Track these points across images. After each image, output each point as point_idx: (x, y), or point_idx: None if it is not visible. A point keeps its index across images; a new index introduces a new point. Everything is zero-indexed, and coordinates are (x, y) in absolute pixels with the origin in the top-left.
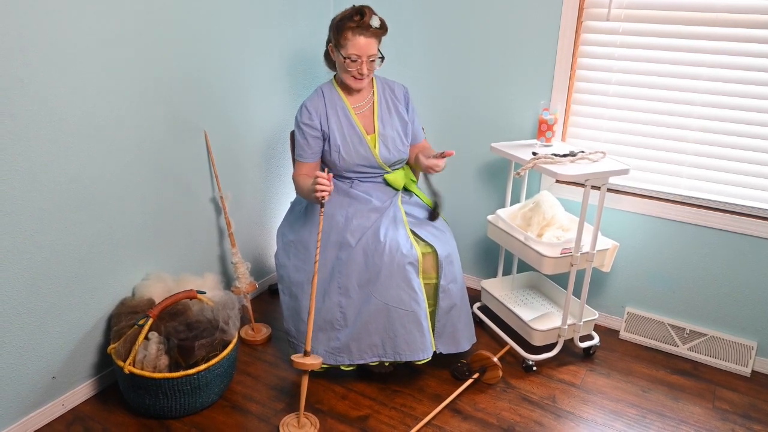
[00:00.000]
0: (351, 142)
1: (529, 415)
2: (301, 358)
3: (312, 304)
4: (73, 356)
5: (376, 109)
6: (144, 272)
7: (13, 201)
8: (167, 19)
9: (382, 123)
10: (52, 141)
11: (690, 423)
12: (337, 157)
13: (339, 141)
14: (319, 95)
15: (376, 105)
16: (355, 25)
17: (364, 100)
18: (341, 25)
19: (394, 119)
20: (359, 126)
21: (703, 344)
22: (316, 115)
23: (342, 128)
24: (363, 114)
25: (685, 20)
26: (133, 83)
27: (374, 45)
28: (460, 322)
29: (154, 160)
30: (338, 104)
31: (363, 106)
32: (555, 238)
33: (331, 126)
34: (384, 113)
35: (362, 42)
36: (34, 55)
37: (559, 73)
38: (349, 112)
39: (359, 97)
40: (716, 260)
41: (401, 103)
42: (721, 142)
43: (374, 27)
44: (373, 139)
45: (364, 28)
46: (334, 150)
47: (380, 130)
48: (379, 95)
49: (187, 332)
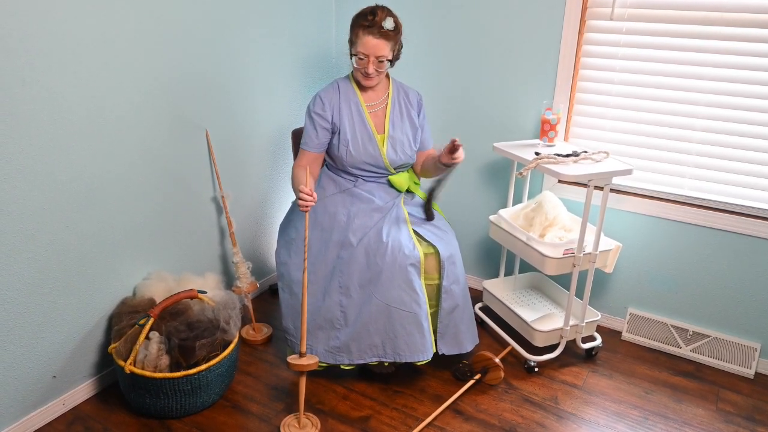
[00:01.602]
0: (360, 138)
1: (530, 416)
2: (297, 359)
3: (304, 304)
4: (73, 355)
5: (389, 110)
6: (145, 272)
7: (14, 200)
8: (169, 19)
9: (392, 125)
10: (54, 140)
11: (693, 425)
12: (344, 152)
13: (349, 135)
14: (335, 88)
15: (389, 107)
16: (367, 25)
17: (379, 100)
18: (354, 22)
19: (405, 123)
20: (370, 123)
21: (706, 346)
22: (329, 107)
23: (353, 123)
24: (375, 113)
25: (689, 20)
26: (134, 82)
27: (384, 46)
28: (462, 323)
29: (155, 159)
30: (352, 99)
31: (376, 105)
32: (557, 238)
33: (343, 119)
34: (396, 116)
35: (370, 42)
36: (35, 55)
37: (562, 72)
38: (362, 109)
39: (374, 96)
40: (719, 261)
41: (414, 109)
42: (725, 143)
43: (386, 28)
44: (382, 139)
45: (375, 28)
46: (342, 144)
47: (390, 131)
48: (393, 97)
49: (188, 332)
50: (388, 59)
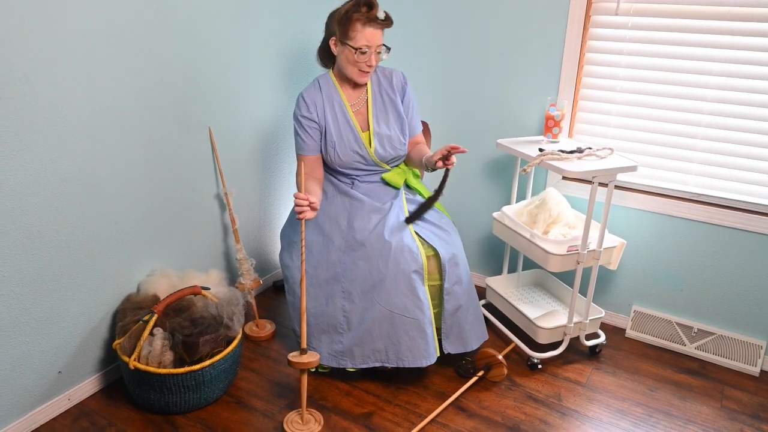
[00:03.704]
0: (346, 138)
1: (534, 413)
2: (298, 356)
3: (303, 302)
4: (78, 351)
5: (371, 106)
6: (149, 268)
7: (19, 197)
8: (172, 16)
9: (377, 120)
10: (57, 137)
11: (697, 422)
12: (333, 154)
13: (335, 137)
14: (317, 87)
15: (370, 102)
16: (365, 17)
17: (359, 97)
18: (348, 17)
19: (390, 117)
20: (355, 122)
21: (711, 343)
22: (314, 107)
23: (338, 124)
24: (359, 111)
25: (695, 14)
26: (138, 80)
27: (382, 36)
28: (466, 322)
29: (159, 156)
30: (335, 99)
31: (358, 102)
32: (561, 235)
33: (328, 121)
34: (379, 110)
35: (371, 33)
36: (39, 53)
37: (566, 68)
38: (345, 108)
39: (355, 94)
40: (725, 258)
41: (397, 96)
42: (731, 139)
43: (381, 18)
44: (368, 136)
45: (373, 19)
46: (329, 146)
47: (375, 128)
48: (373, 91)
49: (192, 328)
50: (385, 48)
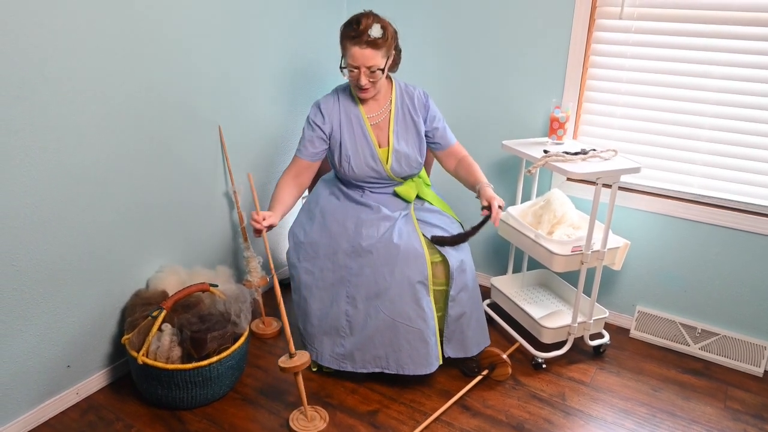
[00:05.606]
0: (362, 153)
1: (538, 412)
2: (286, 361)
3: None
4: (87, 346)
5: (392, 122)
6: (158, 264)
7: (32, 193)
8: (185, 15)
9: (396, 138)
10: (71, 135)
11: (701, 423)
12: (347, 167)
13: (350, 151)
14: (335, 98)
15: (392, 118)
16: (353, 35)
17: (380, 110)
18: (342, 33)
19: (410, 135)
20: (372, 138)
21: (714, 344)
22: (328, 119)
23: (354, 138)
24: (377, 125)
25: (699, 18)
26: (149, 77)
27: (374, 55)
28: (469, 328)
29: (168, 153)
30: (353, 111)
31: (378, 116)
32: (565, 235)
33: (343, 134)
34: (400, 128)
35: (358, 53)
36: (56, 52)
37: (571, 70)
38: (363, 122)
39: (375, 107)
40: (728, 259)
41: (419, 115)
42: (734, 141)
43: (373, 36)
44: (386, 153)
45: (361, 37)
46: (344, 159)
47: (394, 145)
48: (397, 107)
49: (200, 324)
50: (381, 68)
